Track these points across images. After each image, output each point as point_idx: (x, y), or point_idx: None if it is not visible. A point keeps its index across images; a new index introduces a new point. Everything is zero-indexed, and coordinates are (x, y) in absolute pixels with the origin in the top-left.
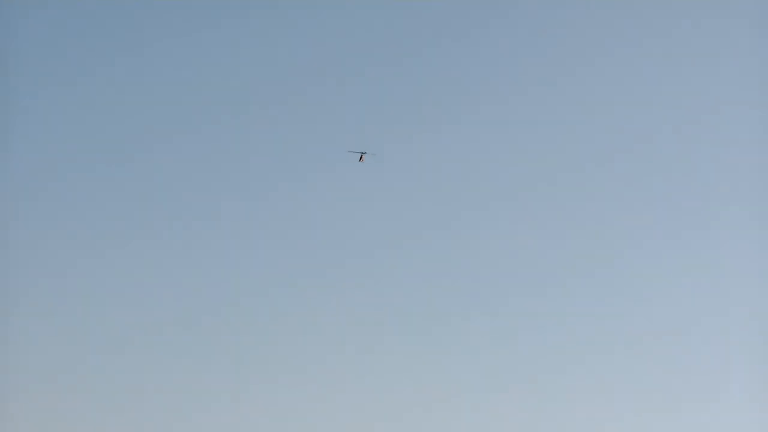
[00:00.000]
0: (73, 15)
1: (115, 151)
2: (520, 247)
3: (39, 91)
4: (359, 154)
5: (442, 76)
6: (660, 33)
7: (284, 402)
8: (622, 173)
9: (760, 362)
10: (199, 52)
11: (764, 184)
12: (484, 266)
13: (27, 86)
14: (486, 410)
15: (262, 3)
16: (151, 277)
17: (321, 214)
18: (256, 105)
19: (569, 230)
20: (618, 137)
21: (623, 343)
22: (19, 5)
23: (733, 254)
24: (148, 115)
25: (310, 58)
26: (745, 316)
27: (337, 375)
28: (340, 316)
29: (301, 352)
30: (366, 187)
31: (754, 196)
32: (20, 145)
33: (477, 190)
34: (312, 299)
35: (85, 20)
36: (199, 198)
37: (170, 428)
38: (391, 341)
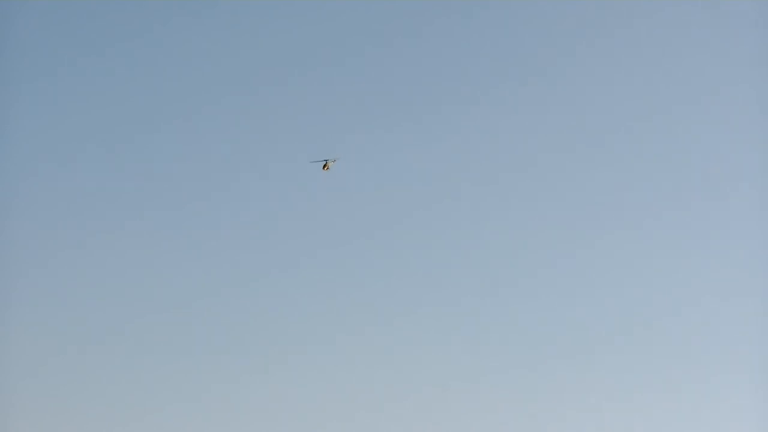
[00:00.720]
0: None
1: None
2: (515, 242)
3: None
4: (322, 162)
5: (413, 74)
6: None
7: (278, 399)
8: (613, 164)
9: (760, 360)
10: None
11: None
12: (475, 260)
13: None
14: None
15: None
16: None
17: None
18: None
19: (560, 222)
20: (601, 132)
21: (614, 337)
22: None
23: (733, 251)
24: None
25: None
26: (745, 312)
27: (326, 367)
28: (328, 311)
29: (292, 348)
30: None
31: (754, 193)
32: (7, 141)
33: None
34: (300, 296)
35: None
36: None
37: (166, 425)
38: (381, 335)
